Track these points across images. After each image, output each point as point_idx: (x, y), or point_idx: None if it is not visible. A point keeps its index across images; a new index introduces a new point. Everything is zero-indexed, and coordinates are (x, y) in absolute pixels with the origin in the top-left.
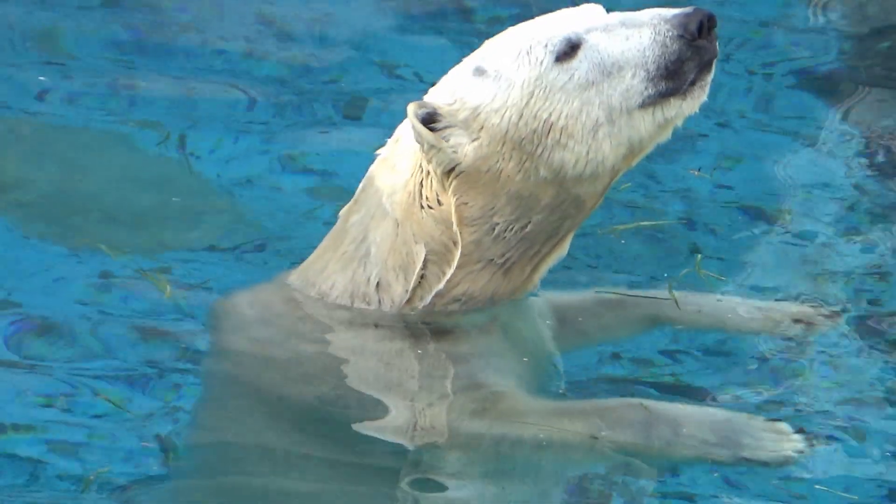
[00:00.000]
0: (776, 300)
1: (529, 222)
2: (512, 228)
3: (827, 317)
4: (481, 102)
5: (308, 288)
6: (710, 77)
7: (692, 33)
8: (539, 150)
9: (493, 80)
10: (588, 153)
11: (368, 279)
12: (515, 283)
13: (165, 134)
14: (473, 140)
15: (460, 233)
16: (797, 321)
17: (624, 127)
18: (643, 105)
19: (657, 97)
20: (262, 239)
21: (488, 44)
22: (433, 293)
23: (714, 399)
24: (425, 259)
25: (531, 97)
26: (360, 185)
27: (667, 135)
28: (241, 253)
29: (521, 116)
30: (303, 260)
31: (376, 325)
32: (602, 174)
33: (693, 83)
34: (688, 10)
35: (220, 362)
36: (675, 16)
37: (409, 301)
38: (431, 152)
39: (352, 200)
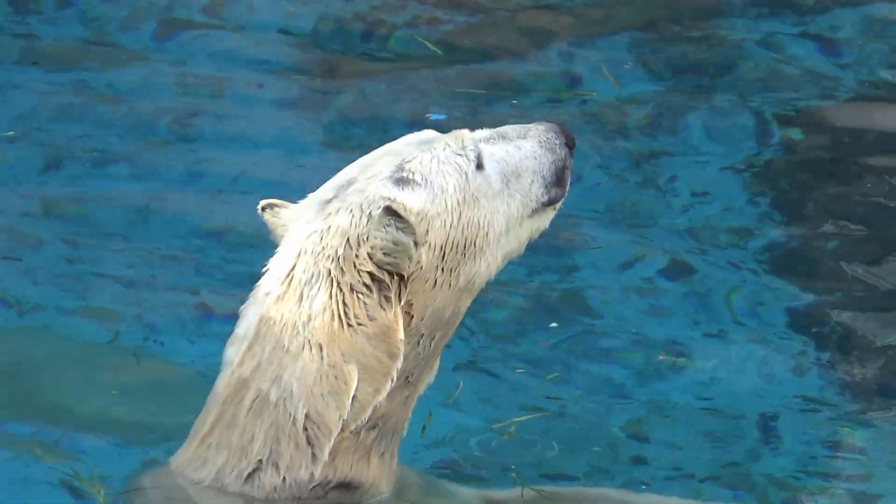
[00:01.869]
0: None
1: (435, 337)
2: (426, 341)
3: None
4: (423, 208)
5: (199, 470)
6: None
7: (573, 141)
8: (465, 259)
9: (425, 188)
10: (492, 261)
11: (294, 417)
12: (409, 410)
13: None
14: (423, 244)
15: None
16: None
17: (513, 236)
18: (534, 212)
19: (550, 202)
20: None
21: (377, 163)
22: (367, 414)
23: None
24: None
25: (463, 203)
26: (251, 335)
27: (523, 249)
28: None
29: (458, 221)
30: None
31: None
32: (483, 285)
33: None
34: (551, 123)
35: None
36: (552, 126)
37: (343, 428)
38: (410, 252)
39: (242, 352)
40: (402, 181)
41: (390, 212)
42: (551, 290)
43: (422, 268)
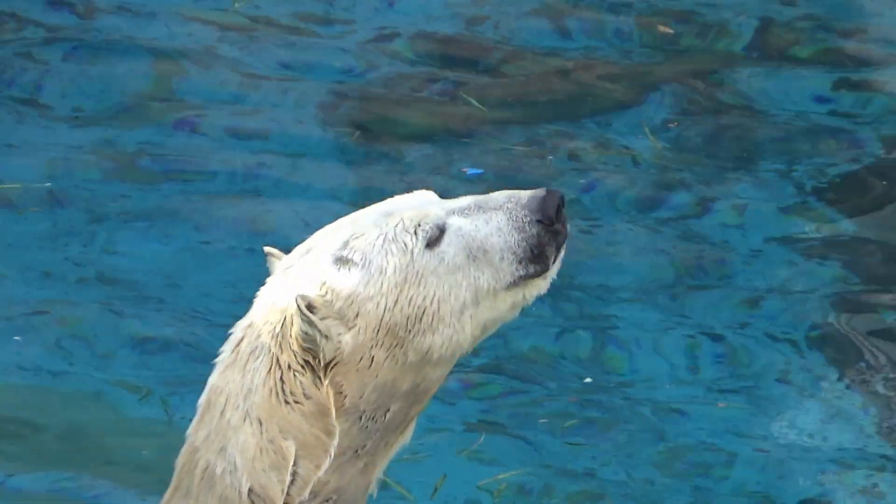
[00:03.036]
0: None
1: (389, 410)
2: (374, 417)
3: None
4: (354, 291)
5: None
6: (562, 256)
7: (549, 218)
8: (411, 336)
9: (361, 269)
10: (453, 336)
11: (240, 490)
12: (370, 479)
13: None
14: (350, 328)
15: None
16: None
17: (486, 308)
18: (511, 285)
19: (527, 277)
20: None
21: (335, 234)
22: (309, 488)
23: None
24: (296, 455)
25: (404, 283)
26: (203, 402)
27: (516, 314)
28: None
29: (396, 303)
30: None
31: None
32: (456, 356)
33: (553, 262)
34: (540, 192)
35: None
36: (530, 199)
37: (288, 503)
38: (321, 343)
39: (195, 421)
40: (340, 260)
41: (299, 305)
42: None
43: (345, 352)
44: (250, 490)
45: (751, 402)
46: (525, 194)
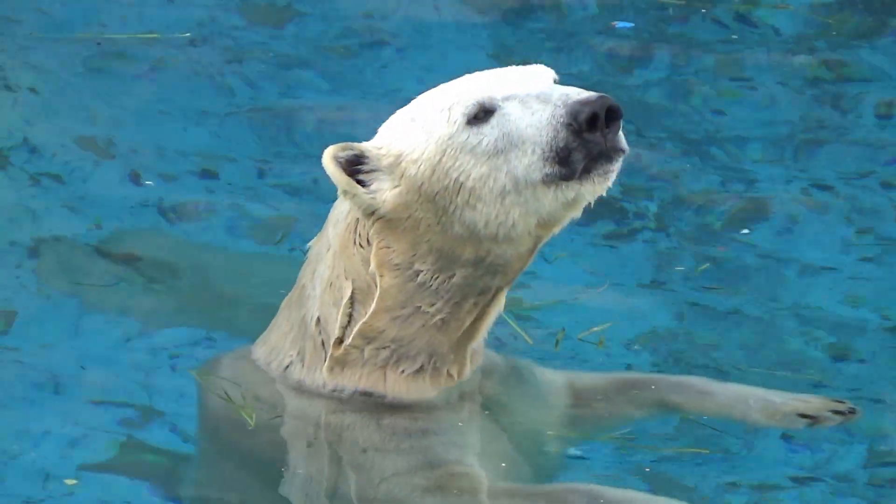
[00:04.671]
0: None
1: (454, 275)
2: (436, 278)
3: (839, 413)
4: (403, 151)
5: (264, 351)
6: (611, 167)
7: (580, 124)
8: (451, 207)
9: (418, 132)
10: (497, 217)
11: (313, 317)
12: (452, 336)
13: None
14: (395, 187)
15: (380, 276)
16: (802, 416)
17: (530, 199)
18: (545, 181)
19: (554, 177)
20: None
21: (432, 91)
22: (355, 330)
23: None
24: (352, 297)
25: (443, 154)
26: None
27: (576, 212)
28: None
29: (433, 171)
30: None
31: (328, 398)
32: (517, 238)
33: (589, 171)
34: (590, 96)
35: (201, 420)
36: (575, 101)
37: (339, 340)
38: (346, 195)
39: (316, 236)
40: (411, 119)
41: (323, 156)
42: None
43: (387, 207)
44: (318, 320)
45: None
46: (576, 96)
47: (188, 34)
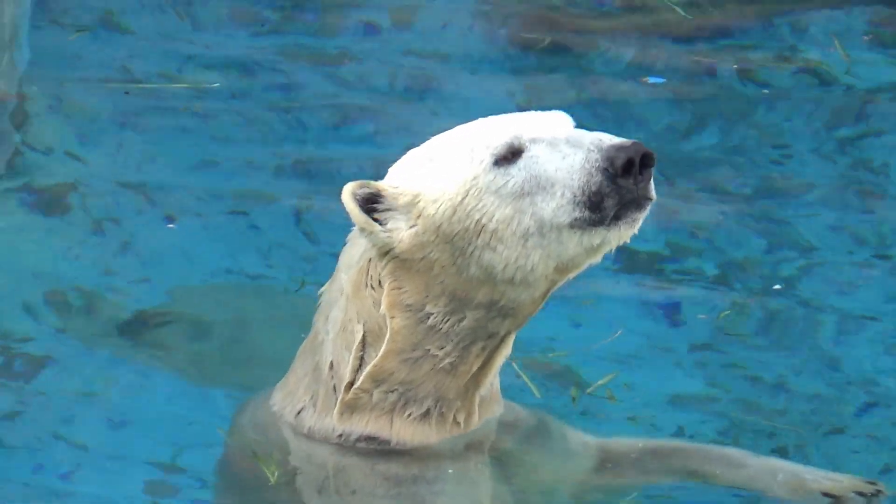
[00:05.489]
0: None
1: (465, 318)
2: (447, 320)
3: (863, 494)
4: (421, 191)
5: (280, 396)
6: (639, 215)
7: (616, 169)
8: (470, 248)
9: (437, 171)
10: (517, 259)
11: (326, 362)
12: (460, 381)
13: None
14: (411, 227)
15: (391, 317)
16: (826, 495)
17: (553, 242)
18: (572, 226)
19: (583, 222)
20: None
21: (449, 133)
22: (364, 373)
23: None
24: (364, 340)
25: (466, 195)
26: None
27: (597, 258)
28: None
29: (454, 212)
30: None
31: (334, 443)
32: (534, 282)
33: (619, 217)
34: (625, 143)
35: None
36: (610, 146)
37: (350, 384)
38: (364, 233)
39: (328, 282)
40: (428, 159)
41: (342, 193)
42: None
43: (403, 247)
44: (331, 364)
45: None
46: (609, 141)
47: (216, 84)
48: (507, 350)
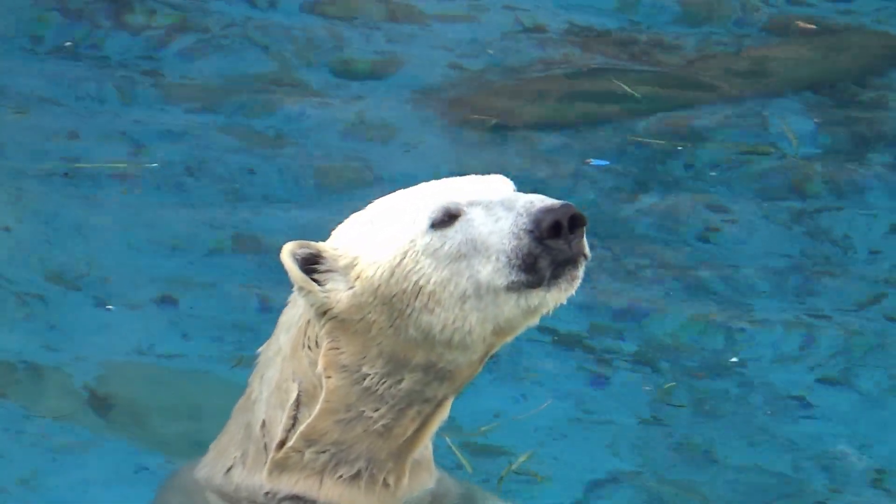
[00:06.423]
0: None
1: (402, 379)
2: (384, 382)
3: None
4: (360, 253)
5: (212, 455)
6: (577, 272)
7: (541, 232)
8: (408, 310)
9: (376, 234)
10: (455, 322)
11: (258, 421)
12: (393, 444)
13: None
14: (350, 288)
15: (327, 377)
16: None
17: (490, 304)
18: (509, 288)
19: (520, 285)
20: None
21: (389, 196)
22: (297, 432)
23: None
24: (298, 399)
25: (404, 257)
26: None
27: (535, 320)
28: None
29: (392, 274)
30: None
31: (254, 501)
32: (472, 345)
33: (556, 277)
34: (554, 204)
35: None
36: (539, 210)
37: (282, 443)
38: (302, 293)
39: (267, 342)
40: (369, 222)
41: (281, 253)
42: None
43: (341, 308)
44: (263, 423)
45: None
46: (539, 203)
47: (155, 164)
48: (443, 414)
